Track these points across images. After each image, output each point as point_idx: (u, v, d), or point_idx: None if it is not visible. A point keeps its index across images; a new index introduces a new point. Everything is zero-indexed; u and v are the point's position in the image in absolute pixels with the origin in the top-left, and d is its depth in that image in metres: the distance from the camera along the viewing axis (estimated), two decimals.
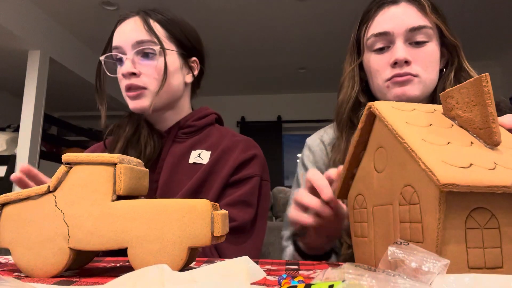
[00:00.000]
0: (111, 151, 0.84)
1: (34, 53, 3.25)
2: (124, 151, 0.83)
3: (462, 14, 3.22)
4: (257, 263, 0.47)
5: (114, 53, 0.83)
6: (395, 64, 0.74)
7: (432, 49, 0.75)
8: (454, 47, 0.77)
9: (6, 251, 0.41)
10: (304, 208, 0.57)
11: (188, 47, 0.88)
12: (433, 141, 0.34)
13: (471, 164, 0.31)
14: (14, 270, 0.43)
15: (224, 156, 0.83)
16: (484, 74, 0.35)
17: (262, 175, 0.85)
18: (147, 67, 0.81)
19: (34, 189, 0.40)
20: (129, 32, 0.81)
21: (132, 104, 0.82)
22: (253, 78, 5.01)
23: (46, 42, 3.33)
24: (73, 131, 4.34)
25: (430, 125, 0.37)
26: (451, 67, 0.78)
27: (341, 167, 0.53)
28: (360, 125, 0.42)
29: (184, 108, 0.91)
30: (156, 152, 0.85)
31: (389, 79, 0.75)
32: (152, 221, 0.39)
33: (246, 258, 0.36)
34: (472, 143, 0.35)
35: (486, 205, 0.31)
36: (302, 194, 0.57)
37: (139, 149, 0.83)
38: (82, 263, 0.45)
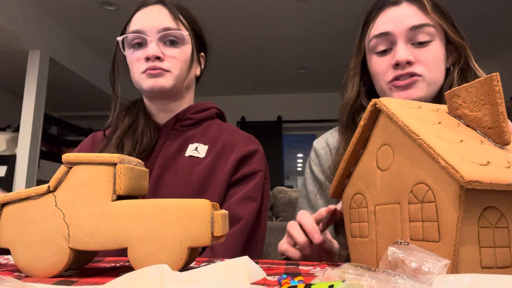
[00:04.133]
0: (109, 140, 0.85)
1: (34, 53, 3.24)
2: (121, 141, 0.84)
3: (462, 14, 3.21)
4: (257, 263, 0.47)
5: (137, 35, 0.82)
6: (397, 65, 0.73)
7: (436, 48, 0.74)
8: (460, 46, 0.76)
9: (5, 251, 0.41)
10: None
11: (201, 42, 0.91)
12: (447, 138, 0.33)
13: (488, 162, 0.31)
14: (14, 270, 0.43)
15: (224, 153, 0.82)
16: (494, 74, 0.34)
17: (265, 172, 0.84)
18: (172, 53, 0.82)
19: (34, 189, 0.40)
20: (156, 18, 0.82)
21: (150, 82, 0.81)
22: (253, 78, 5.01)
23: (46, 42, 3.33)
24: (73, 131, 4.33)
25: (439, 123, 0.36)
26: (457, 66, 0.76)
27: (332, 206, 0.56)
28: (362, 122, 0.41)
29: (188, 100, 0.92)
30: (152, 142, 0.84)
31: (391, 82, 0.74)
32: (152, 221, 0.39)
33: (246, 258, 0.36)
34: (482, 142, 0.35)
35: (496, 204, 0.31)
36: (293, 227, 0.60)
37: (135, 139, 0.83)
38: (82, 263, 0.45)
